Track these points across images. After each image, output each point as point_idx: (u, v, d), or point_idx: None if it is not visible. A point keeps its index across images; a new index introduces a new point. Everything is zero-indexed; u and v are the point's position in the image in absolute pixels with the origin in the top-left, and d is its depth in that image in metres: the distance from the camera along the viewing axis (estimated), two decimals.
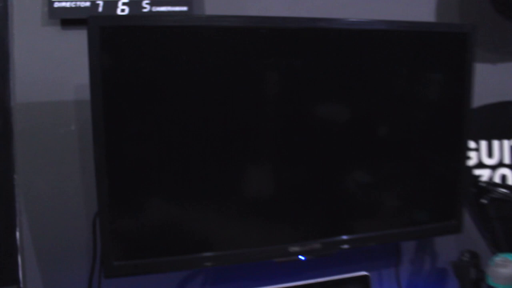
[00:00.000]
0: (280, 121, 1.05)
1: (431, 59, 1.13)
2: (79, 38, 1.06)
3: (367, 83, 1.10)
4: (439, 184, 1.19)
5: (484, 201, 1.22)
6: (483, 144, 1.42)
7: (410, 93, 1.15)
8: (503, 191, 1.18)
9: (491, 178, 1.41)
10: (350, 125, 1.11)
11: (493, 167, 1.43)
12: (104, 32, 0.90)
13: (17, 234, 1.06)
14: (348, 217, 1.12)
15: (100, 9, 1.09)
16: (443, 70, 1.15)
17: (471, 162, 1.40)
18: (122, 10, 1.09)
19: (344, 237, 1.10)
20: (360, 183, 1.13)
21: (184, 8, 1.12)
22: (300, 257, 1.06)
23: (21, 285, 1.04)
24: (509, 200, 1.15)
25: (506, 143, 1.44)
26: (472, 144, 1.40)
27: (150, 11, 1.11)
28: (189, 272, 1.16)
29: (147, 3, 1.10)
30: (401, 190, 1.17)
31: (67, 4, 1.08)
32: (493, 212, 1.23)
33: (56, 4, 1.07)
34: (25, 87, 1.07)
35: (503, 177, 1.43)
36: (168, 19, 1.00)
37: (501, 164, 1.43)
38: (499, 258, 1.07)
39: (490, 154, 1.42)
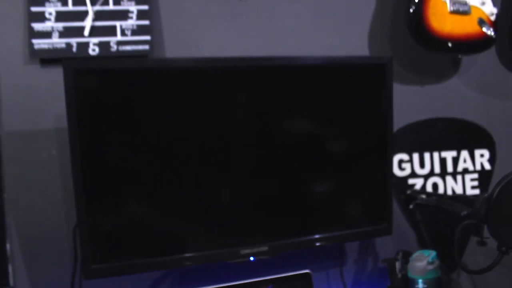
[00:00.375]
0: (231, 139, 1.24)
1: (357, 87, 1.34)
2: (56, 75, 1.21)
3: (306, 109, 1.31)
4: (372, 194, 1.39)
5: (410, 206, 1.42)
6: (415, 156, 1.62)
7: (343, 117, 1.35)
8: (424, 198, 1.38)
9: (423, 186, 1.62)
10: (294, 143, 1.31)
11: (425, 176, 1.63)
12: (76, 73, 1.09)
13: (8, 245, 1.22)
14: (292, 222, 1.31)
15: (74, 49, 1.27)
16: (368, 96, 1.36)
17: (405, 172, 1.61)
18: (93, 50, 1.28)
19: (288, 240, 1.29)
20: (303, 193, 1.32)
21: (146, 47, 1.31)
22: (251, 258, 1.24)
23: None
24: (429, 205, 1.34)
25: (435, 154, 1.65)
26: (405, 157, 1.61)
27: (117, 50, 1.29)
28: (159, 273, 1.32)
29: (114, 43, 1.29)
30: (340, 199, 1.37)
31: (45, 46, 1.26)
32: (418, 216, 1.43)
33: (36, 46, 1.25)
34: (11, 118, 1.24)
35: (434, 185, 1.63)
36: (128, 62, 1.21)
37: (432, 174, 1.64)
38: (417, 254, 1.27)
39: (422, 165, 1.63)
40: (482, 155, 1.71)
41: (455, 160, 1.67)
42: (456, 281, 1.64)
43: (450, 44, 1.51)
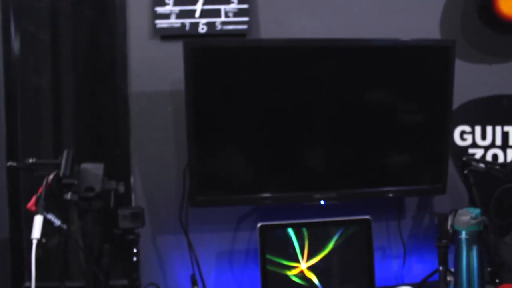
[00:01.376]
0: (312, 105, 1.52)
1: (424, 66, 1.55)
2: (173, 48, 1.55)
3: (377, 84, 1.55)
4: (431, 158, 1.61)
5: (465, 171, 1.62)
6: (478, 128, 1.79)
7: (411, 91, 1.57)
8: (478, 165, 1.56)
9: (483, 156, 1.78)
10: (367, 111, 1.56)
11: (486, 148, 1.79)
12: (193, 50, 1.41)
13: (132, 179, 1.60)
14: (360, 175, 1.56)
15: (187, 28, 1.59)
16: (433, 74, 1.55)
17: (466, 142, 1.78)
18: (202, 29, 1.59)
19: (354, 190, 1.55)
20: (372, 152, 1.57)
21: (245, 27, 1.59)
22: (321, 202, 1.52)
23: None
24: (482, 171, 1.53)
25: (498, 128, 1.80)
26: (467, 129, 1.78)
27: (221, 29, 1.59)
28: (247, 208, 1.64)
29: (219, 24, 1.59)
30: (403, 160, 1.60)
31: (165, 25, 1.58)
32: (472, 180, 1.61)
33: (158, 26, 1.58)
34: (137, 81, 1.60)
35: (494, 156, 1.79)
36: (230, 40, 1.55)
37: (493, 145, 1.80)
38: (463, 210, 1.47)
39: (483, 137, 1.79)
40: None
41: None
42: (509, 244, 1.81)
43: None
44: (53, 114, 1.68)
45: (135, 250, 1.43)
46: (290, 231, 1.50)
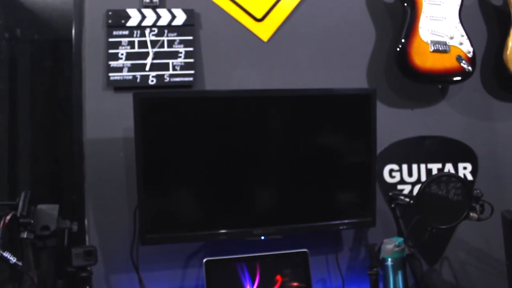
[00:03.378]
0: (251, 147, 1.68)
1: (350, 112, 1.75)
2: (125, 98, 1.69)
3: (310, 128, 1.73)
4: (360, 195, 1.78)
5: (392, 205, 1.80)
6: (404, 166, 1.99)
7: (341, 135, 1.77)
8: (402, 199, 1.74)
9: (410, 192, 1.98)
10: (301, 157, 1.73)
11: (413, 183, 1.99)
12: (142, 100, 1.56)
13: (86, 222, 1.70)
14: (296, 213, 1.72)
15: (138, 80, 1.74)
16: (358, 119, 1.75)
17: (395, 179, 1.98)
18: (152, 81, 1.75)
19: (291, 225, 1.70)
20: (306, 191, 1.73)
21: (191, 79, 1.76)
22: (262, 237, 1.66)
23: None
24: (405, 205, 1.71)
25: (422, 166, 2.00)
26: (395, 167, 1.98)
27: (169, 81, 1.75)
28: (196, 245, 1.76)
29: (167, 76, 1.75)
30: (335, 197, 1.77)
31: (117, 77, 1.74)
32: (398, 213, 1.79)
33: (111, 78, 1.73)
34: (92, 129, 1.73)
35: None
36: (176, 92, 1.72)
37: (419, 181, 1.99)
38: (388, 239, 1.64)
39: (410, 174, 1.99)
40: (465, 168, 2.04)
41: (440, 171, 2.01)
42: (437, 272, 1.98)
43: (431, 78, 1.88)
44: (9, 157, 1.77)
45: (87, 287, 1.52)
46: (234, 265, 1.62)
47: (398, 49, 1.85)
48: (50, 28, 1.87)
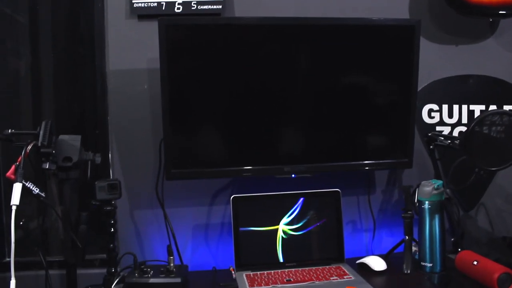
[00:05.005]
0: (284, 79, 1.58)
1: (392, 44, 1.61)
2: (149, 27, 1.60)
3: (346, 64, 1.61)
4: (397, 134, 1.67)
5: (431, 146, 1.69)
6: (445, 107, 1.86)
7: (379, 69, 1.63)
8: (442, 140, 1.63)
9: (450, 133, 1.86)
10: (336, 93, 1.62)
11: (453, 125, 1.87)
12: (168, 28, 1.46)
13: (110, 155, 1.65)
14: (329, 150, 1.63)
15: (163, 7, 1.63)
16: (399, 54, 1.62)
17: (434, 120, 1.86)
18: (178, 8, 1.63)
19: (323, 164, 1.61)
20: (342, 128, 1.63)
21: (219, 7, 1.64)
22: (292, 175, 1.59)
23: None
24: (446, 146, 1.60)
25: (464, 107, 1.87)
26: (435, 107, 1.85)
27: (197, 8, 1.64)
28: (223, 182, 1.71)
29: (194, 3, 1.64)
30: (371, 136, 1.67)
31: (142, 5, 1.63)
32: (436, 155, 1.69)
33: (135, 5, 1.63)
34: (115, 59, 1.64)
35: (461, 134, 1.87)
36: (206, 18, 1.59)
37: (459, 123, 1.87)
38: (426, 181, 1.54)
39: (450, 115, 1.87)
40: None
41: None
42: (473, 218, 1.89)
43: (480, 10, 1.71)
44: (32, 92, 1.72)
45: (112, 222, 1.48)
46: (263, 202, 1.56)
47: None
48: None
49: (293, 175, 1.59)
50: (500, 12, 1.76)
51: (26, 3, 1.71)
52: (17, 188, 1.19)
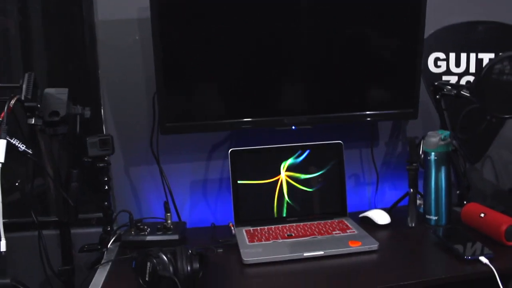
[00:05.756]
0: (286, 40, 1.48)
1: None
2: None
3: (346, 12, 1.51)
4: (402, 84, 1.59)
5: (437, 96, 1.61)
6: (452, 56, 1.78)
7: (381, 19, 1.54)
8: (449, 89, 1.55)
9: (457, 82, 1.78)
10: (336, 42, 1.52)
11: (460, 74, 1.79)
12: None
13: (102, 110, 1.58)
14: (330, 100, 1.55)
15: None
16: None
17: (440, 69, 1.77)
18: None
19: (324, 114, 1.54)
20: (344, 83, 1.55)
21: None
22: (293, 127, 1.52)
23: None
24: (453, 95, 1.52)
25: (472, 55, 1.79)
26: (441, 55, 1.77)
27: None
28: (220, 136, 1.65)
29: None
30: (375, 85, 1.58)
31: None
32: (443, 104, 1.62)
33: None
34: (103, 9, 1.54)
35: (468, 83, 1.79)
36: None
37: (467, 73, 1.79)
38: (432, 132, 1.48)
39: (457, 64, 1.79)
40: None
41: None
42: (479, 170, 1.84)
43: None
44: (21, 43, 1.63)
45: (106, 179, 1.43)
46: (262, 155, 1.50)
47: None
48: None
49: (293, 127, 1.53)
50: None
51: None
52: (1, 144, 1.12)
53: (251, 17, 1.46)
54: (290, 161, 1.52)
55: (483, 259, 1.20)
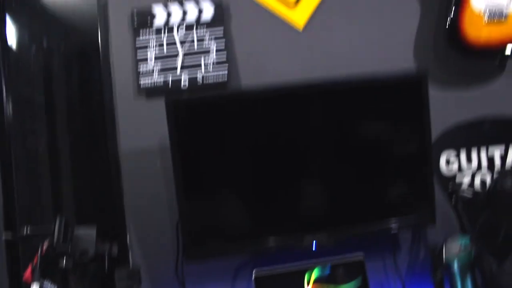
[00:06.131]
0: (301, 150, 1.55)
1: (397, 99, 1.58)
2: (157, 104, 1.60)
3: (358, 121, 1.59)
4: (417, 190, 1.62)
5: (453, 201, 1.63)
6: (463, 154, 1.81)
7: (391, 126, 1.61)
8: (465, 190, 1.58)
9: (471, 182, 1.80)
10: (350, 151, 1.59)
11: (473, 174, 1.81)
12: (175, 105, 1.46)
13: (128, 237, 1.63)
14: (349, 214, 1.58)
15: (170, 85, 1.64)
16: (409, 107, 1.60)
17: (452, 168, 1.80)
18: (184, 85, 1.64)
19: (344, 226, 1.57)
20: (360, 193, 1.59)
21: (225, 78, 1.65)
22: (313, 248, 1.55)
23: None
24: (470, 200, 1.54)
25: (483, 151, 1.82)
26: (452, 154, 1.80)
27: (202, 83, 1.64)
28: (241, 259, 1.67)
29: (199, 79, 1.64)
30: (389, 195, 1.62)
31: (148, 84, 1.64)
32: (460, 208, 1.63)
33: (142, 85, 1.64)
34: (126, 140, 1.64)
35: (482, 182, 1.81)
36: (210, 95, 1.61)
37: (479, 168, 1.81)
38: (451, 239, 1.48)
39: (469, 160, 1.81)
40: None
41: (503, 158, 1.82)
42: (508, 271, 1.80)
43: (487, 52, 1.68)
44: (50, 178, 1.72)
45: None
46: (286, 277, 1.53)
47: (447, 22, 1.67)
48: (79, 35, 1.78)
49: (313, 248, 1.55)
50: (507, 54, 1.73)
51: (41, 83, 1.72)
52: None
53: (264, 135, 1.54)
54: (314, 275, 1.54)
55: None
